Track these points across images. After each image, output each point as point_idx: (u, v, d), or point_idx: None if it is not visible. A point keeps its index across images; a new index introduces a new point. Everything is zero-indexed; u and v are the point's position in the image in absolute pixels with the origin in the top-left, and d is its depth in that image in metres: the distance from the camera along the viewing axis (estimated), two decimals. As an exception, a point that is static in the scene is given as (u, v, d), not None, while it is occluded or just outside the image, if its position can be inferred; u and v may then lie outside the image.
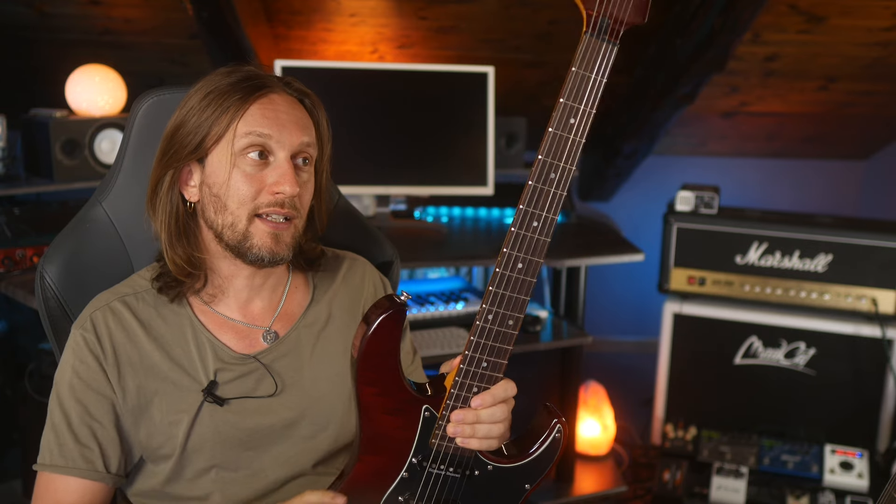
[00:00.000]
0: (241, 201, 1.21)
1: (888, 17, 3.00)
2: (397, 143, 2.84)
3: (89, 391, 1.23)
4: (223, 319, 1.30)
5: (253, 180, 1.21)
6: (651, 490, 2.79)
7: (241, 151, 1.21)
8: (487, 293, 1.11)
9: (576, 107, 1.06)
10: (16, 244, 2.43)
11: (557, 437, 1.20)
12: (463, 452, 1.19)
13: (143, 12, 3.06)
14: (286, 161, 1.22)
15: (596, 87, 1.06)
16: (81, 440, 1.22)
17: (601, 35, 1.05)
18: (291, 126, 1.23)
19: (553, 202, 1.09)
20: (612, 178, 3.97)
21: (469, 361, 1.13)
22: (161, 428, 1.24)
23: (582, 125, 1.07)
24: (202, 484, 1.27)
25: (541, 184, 1.08)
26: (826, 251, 2.79)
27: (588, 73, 1.06)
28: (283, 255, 1.24)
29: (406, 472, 1.18)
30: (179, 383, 1.25)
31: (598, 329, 3.71)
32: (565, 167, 1.09)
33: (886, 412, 2.76)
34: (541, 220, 1.09)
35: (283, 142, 1.22)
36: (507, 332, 1.13)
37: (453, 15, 3.10)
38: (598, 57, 1.05)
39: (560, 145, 1.08)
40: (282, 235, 1.23)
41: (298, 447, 1.30)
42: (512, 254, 1.10)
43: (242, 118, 1.21)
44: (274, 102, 1.23)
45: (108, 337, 1.24)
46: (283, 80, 1.28)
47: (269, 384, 1.28)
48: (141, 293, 1.29)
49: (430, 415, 1.17)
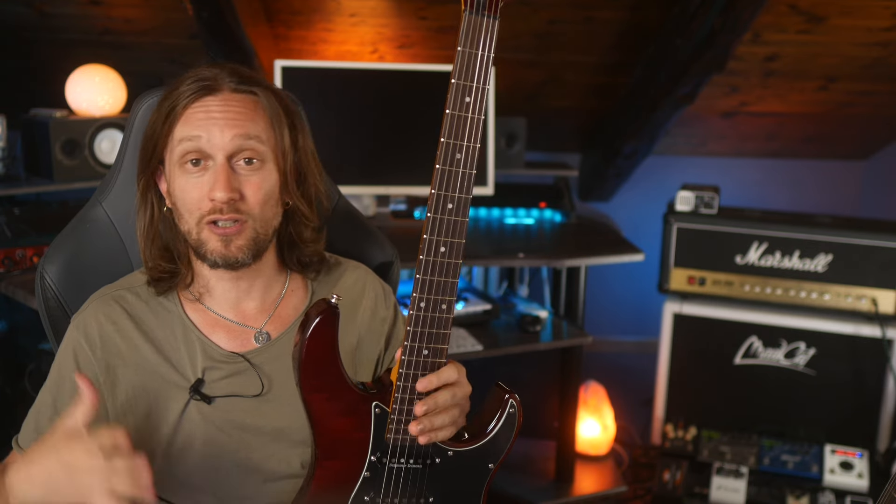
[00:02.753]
0: (189, 210, 1.21)
1: (888, 17, 3.00)
2: (397, 143, 2.84)
3: (63, 386, 1.26)
4: (216, 318, 1.30)
5: (195, 188, 1.20)
6: (651, 490, 2.79)
7: (180, 160, 1.21)
8: (416, 282, 1.13)
9: (468, 85, 1.08)
10: (16, 244, 2.43)
11: (512, 411, 1.21)
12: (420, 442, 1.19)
13: (143, 12, 3.06)
14: (221, 165, 1.19)
15: (484, 63, 1.08)
16: (40, 429, 1.25)
17: (480, 11, 1.06)
18: (224, 125, 1.19)
19: (463, 182, 1.10)
20: (612, 178, 3.96)
21: (410, 351, 1.15)
22: (149, 423, 1.25)
23: (477, 102, 1.09)
24: (194, 480, 1.27)
25: (448, 166, 1.10)
26: (826, 251, 2.79)
27: (473, 49, 1.07)
28: (238, 258, 1.22)
29: (367, 472, 1.19)
30: (168, 379, 1.26)
31: (598, 329, 3.71)
32: (469, 146, 1.10)
33: (886, 412, 2.76)
34: (454, 202, 1.11)
35: (215, 142, 1.19)
36: (443, 317, 1.14)
37: (453, 15, 3.10)
38: (481, 33, 1.07)
39: (460, 125, 1.09)
40: (233, 239, 1.21)
41: (288, 450, 1.30)
42: (433, 238, 1.11)
43: (178, 124, 1.20)
44: (207, 104, 1.20)
45: (98, 334, 1.25)
46: (232, 76, 1.23)
47: (256, 384, 1.28)
48: (136, 288, 1.30)
49: (380, 411, 1.18)
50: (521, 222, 3.13)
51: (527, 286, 3.45)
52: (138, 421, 1.26)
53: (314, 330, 1.14)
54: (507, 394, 1.22)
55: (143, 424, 1.25)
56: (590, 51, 3.29)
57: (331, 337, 1.15)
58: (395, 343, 1.41)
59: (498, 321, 2.67)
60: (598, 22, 3.10)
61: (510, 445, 1.23)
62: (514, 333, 2.61)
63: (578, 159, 4.06)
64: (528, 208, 3.19)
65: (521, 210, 3.18)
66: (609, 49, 3.28)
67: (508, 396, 1.22)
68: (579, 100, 3.64)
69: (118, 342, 1.25)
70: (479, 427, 1.23)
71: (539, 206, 3.22)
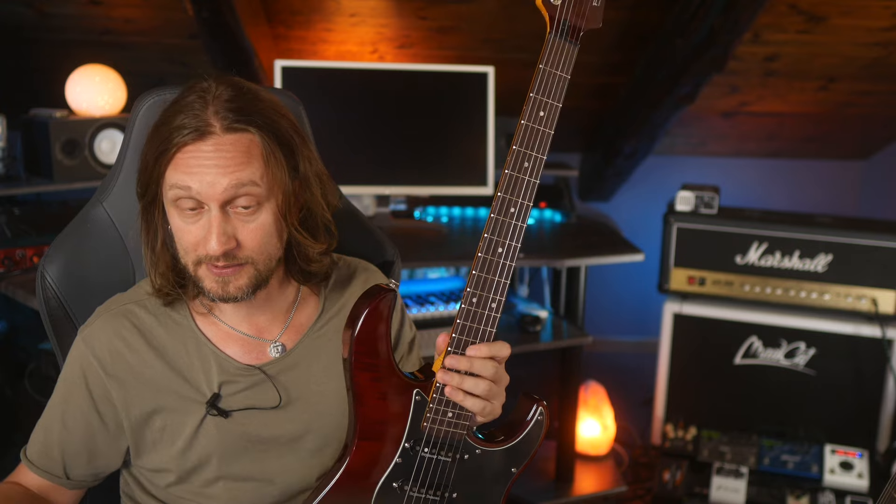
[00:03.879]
0: (184, 250, 1.19)
1: (888, 17, 3.00)
2: (397, 143, 2.84)
3: (72, 402, 1.25)
4: (229, 331, 1.29)
5: (190, 232, 1.17)
6: (651, 490, 2.79)
7: (174, 203, 1.17)
8: (471, 277, 1.17)
9: (544, 101, 1.16)
10: (16, 244, 2.43)
11: (540, 419, 1.25)
12: (453, 436, 1.21)
13: (143, 12, 3.05)
14: (215, 216, 1.14)
15: (561, 83, 1.16)
16: (48, 444, 1.26)
17: (565, 36, 1.16)
18: (217, 173, 1.13)
19: (527, 189, 1.17)
20: (611, 178, 3.97)
21: (456, 344, 1.18)
22: (165, 437, 1.24)
23: (550, 118, 1.16)
24: (210, 493, 1.27)
25: (516, 172, 1.16)
26: (826, 251, 2.79)
27: (554, 69, 1.16)
28: (237, 296, 1.19)
29: (399, 458, 1.21)
30: (183, 394, 1.25)
31: (598, 329, 3.71)
32: (537, 157, 1.17)
33: (886, 412, 2.76)
34: (517, 207, 1.17)
35: (207, 192, 1.13)
36: (491, 315, 1.18)
37: (453, 15, 3.10)
38: (563, 56, 1.16)
39: (532, 136, 1.16)
40: (230, 280, 1.18)
41: (305, 460, 1.29)
42: (493, 238, 1.17)
43: (170, 169, 1.15)
44: (198, 150, 1.13)
45: (107, 350, 1.23)
46: (226, 113, 1.15)
47: (273, 396, 1.27)
48: (144, 301, 1.28)
49: (420, 399, 1.20)
50: (521, 222, 3.12)
51: (527, 286, 3.45)
52: (154, 435, 1.25)
53: (371, 309, 1.17)
54: (535, 402, 1.26)
55: (159, 439, 1.25)
56: (590, 51, 3.28)
57: (385, 318, 1.18)
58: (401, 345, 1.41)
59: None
60: (598, 22, 3.10)
61: (535, 451, 1.27)
62: (514, 333, 2.61)
63: (578, 159, 4.06)
64: (529, 208, 3.19)
65: (521, 210, 3.18)
66: (609, 49, 3.28)
67: (538, 404, 1.26)
68: (579, 100, 3.64)
69: (128, 358, 1.24)
70: (507, 430, 1.27)
71: (539, 206, 3.22)
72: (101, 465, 1.28)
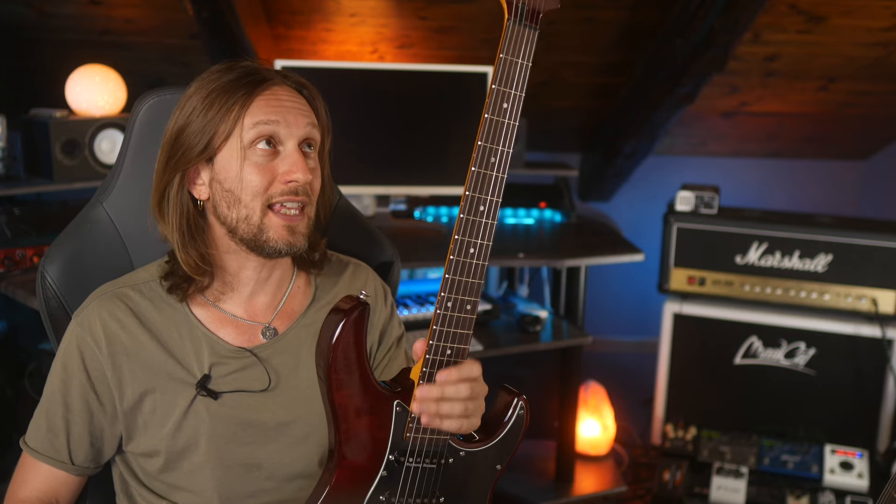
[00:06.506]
0: (254, 193, 1.22)
1: (888, 17, 3.00)
2: (397, 143, 2.84)
3: (71, 384, 1.26)
4: (223, 315, 1.31)
5: (264, 171, 1.22)
6: (651, 490, 2.79)
7: (251, 143, 1.22)
8: (444, 281, 1.14)
9: (507, 91, 1.11)
10: (16, 244, 2.43)
11: (521, 413, 1.24)
12: (436, 443, 1.20)
13: (143, 12, 3.06)
14: (296, 149, 1.24)
15: (523, 71, 1.11)
16: (53, 429, 1.26)
17: (522, 21, 1.10)
18: (296, 113, 1.25)
19: (496, 185, 1.13)
20: (611, 178, 3.97)
21: (433, 350, 1.15)
22: (156, 418, 1.25)
23: (514, 109, 1.12)
24: (199, 478, 1.27)
25: (483, 168, 1.12)
26: (826, 251, 2.79)
27: (514, 57, 1.11)
28: (300, 246, 1.25)
29: (385, 471, 1.19)
30: (174, 375, 1.26)
31: (598, 329, 3.72)
32: (503, 150, 1.13)
33: (886, 412, 2.76)
34: (486, 204, 1.13)
35: (291, 128, 1.23)
36: (467, 318, 1.15)
37: (453, 15, 3.10)
38: (523, 42, 1.11)
39: (496, 130, 1.12)
40: (297, 227, 1.25)
41: (292, 447, 1.30)
42: (463, 239, 1.13)
43: (248, 111, 1.22)
44: (277, 93, 1.25)
45: (102, 331, 1.25)
46: (280, 73, 1.29)
47: (263, 379, 1.29)
48: (139, 286, 1.30)
49: (401, 409, 1.18)
50: (522, 222, 3.13)
51: (527, 286, 3.45)
52: (145, 418, 1.26)
53: (344, 327, 1.14)
54: (515, 396, 1.24)
55: (150, 421, 1.26)
56: (590, 51, 3.29)
57: (358, 334, 1.16)
58: (386, 340, 1.42)
59: (498, 321, 2.67)
60: (598, 22, 3.11)
61: (517, 446, 1.25)
62: (515, 333, 2.61)
63: (578, 159, 4.06)
64: (529, 208, 3.20)
65: (521, 210, 3.19)
66: (609, 49, 3.28)
67: (517, 398, 1.24)
68: (579, 100, 3.64)
69: (123, 339, 1.25)
70: (488, 428, 1.25)
71: (539, 206, 3.22)
72: (101, 448, 1.29)
